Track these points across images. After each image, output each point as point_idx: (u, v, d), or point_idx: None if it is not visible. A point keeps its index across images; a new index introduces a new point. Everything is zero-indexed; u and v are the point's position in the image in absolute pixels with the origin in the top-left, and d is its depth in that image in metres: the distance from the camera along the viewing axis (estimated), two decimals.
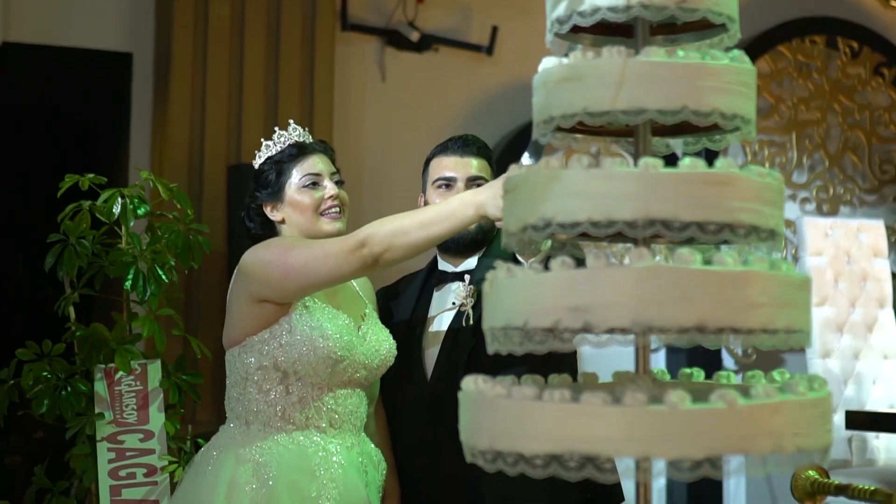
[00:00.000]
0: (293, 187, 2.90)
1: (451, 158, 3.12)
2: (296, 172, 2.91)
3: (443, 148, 3.17)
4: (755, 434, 1.82)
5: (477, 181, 3.11)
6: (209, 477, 2.84)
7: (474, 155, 3.14)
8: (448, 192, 3.09)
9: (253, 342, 2.84)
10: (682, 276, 1.86)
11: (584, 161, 1.95)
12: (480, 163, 3.14)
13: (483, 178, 3.12)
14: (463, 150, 3.13)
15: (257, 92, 5.31)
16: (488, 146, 3.25)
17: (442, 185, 3.11)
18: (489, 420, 1.94)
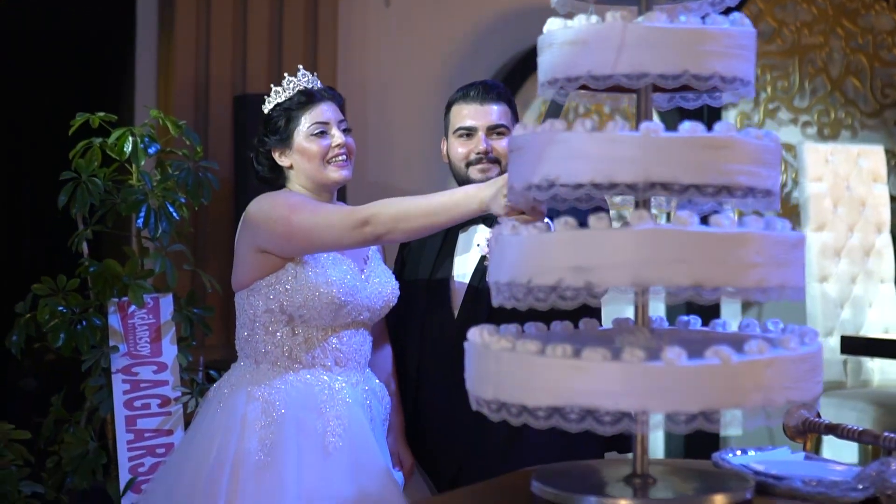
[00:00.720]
0: (301, 135, 2.96)
1: (472, 107, 3.15)
2: (304, 120, 2.96)
3: (463, 95, 3.19)
4: (748, 389, 1.92)
5: (497, 129, 3.15)
6: (221, 414, 2.93)
7: (494, 101, 3.16)
8: (469, 140, 3.14)
9: (260, 286, 2.92)
10: (680, 238, 1.93)
11: (588, 124, 2.02)
12: (501, 108, 3.17)
13: (503, 125, 3.15)
14: (483, 98, 3.15)
15: (261, 20, 5.33)
16: (508, 90, 3.27)
17: (463, 134, 3.15)
18: (494, 372, 2.03)
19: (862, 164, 6.20)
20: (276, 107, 3.00)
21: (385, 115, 6.01)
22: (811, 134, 6.81)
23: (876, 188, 6.20)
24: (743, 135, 2.03)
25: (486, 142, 3.13)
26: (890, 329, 6.09)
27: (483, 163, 3.13)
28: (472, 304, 3.12)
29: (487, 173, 3.11)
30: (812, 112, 6.81)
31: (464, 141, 3.15)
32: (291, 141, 2.97)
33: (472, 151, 3.13)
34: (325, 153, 2.95)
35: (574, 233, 1.98)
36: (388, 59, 6.06)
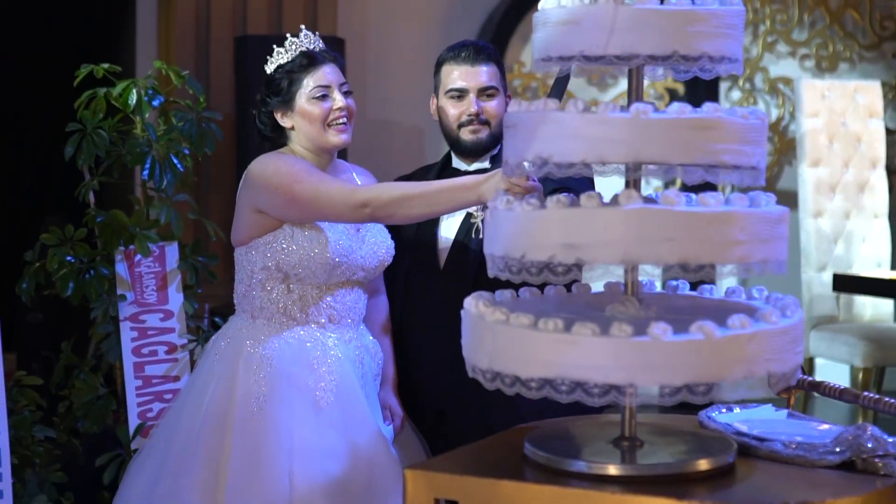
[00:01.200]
0: (303, 97, 3.00)
1: (463, 68, 3.20)
2: (306, 83, 3.00)
3: (454, 55, 3.23)
4: (731, 362, 2.01)
5: (488, 91, 3.20)
6: (217, 366, 3.03)
7: (484, 62, 3.21)
8: (460, 102, 3.19)
9: (257, 244, 3.00)
10: (668, 218, 2.02)
11: (580, 105, 2.09)
12: (491, 70, 3.22)
13: (493, 86, 3.21)
14: (474, 59, 3.20)
15: None
16: (498, 51, 3.32)
17: (454, 95, 3.20)
18: (489, 343, 2.13)
19: (858, 99, 6.24)
20: (279, 68, 3.04)
21: (383, 54, 6.04)
22: (809, 67, 6.85)
23: (872, 123, 6.24)
24: (729, 114, 2.10)
25: (478, 103, 3.19)
26: (883, 263, 6.19)
27: (474, 124, 3.19)
28: (457, 258, 3.20)
29: (478, 134, 3.20)
30: (811, 45, 6.84)
31: (455, 102, 3.21)
32: (293, 103, 3.02)
33: (463, 113, 3.20)
34: (327, 116, 3.00)
35: (566, 211, 2.06)
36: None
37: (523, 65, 6.31)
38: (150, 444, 3.14)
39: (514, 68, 6.28)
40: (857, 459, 2.20)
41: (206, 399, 3.01)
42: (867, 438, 2.20)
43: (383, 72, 6.00)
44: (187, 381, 3.24)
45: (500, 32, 6.14)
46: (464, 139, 3.21)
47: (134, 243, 3.51)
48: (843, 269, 6.07)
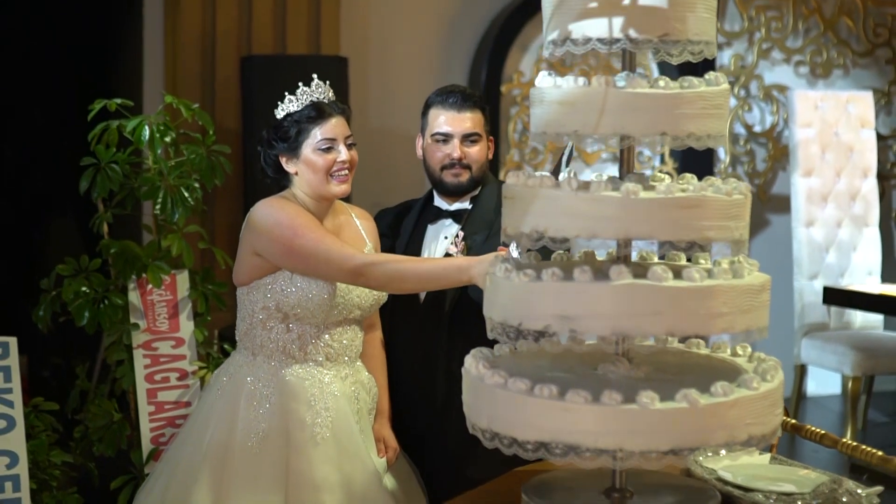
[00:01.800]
0: (309, 147, 3.12)
1: (449, 113, 3.36)
2: (314, 134, 3.11)
3: (442, 101, 3.39)
4: (713, 428, 2.15)
5: (471, 137, 3.37)
6: (219, 402, 3.18)
7: (470, 109, 3.38)
8: (445, 145, 3.36)
9: (258, 285, 3.13)
10: (655, 293, 2.15)
11: (574, 184, 2.22)
12: (475, 117, 3.39)
13: (477, 133, 3.38)
14: (461, 106, 3.36)
15: None
16: (483, 98, 3.48)
17: (439, 138, 3.37)
18: (488, 405, 2.27)
19: (851, 110, 6.37)
20: (288, 116, 3.14)
21: (385, 67, 6.14)
22: (804, 73, 6.96)
23: (863, 134, 6.37)
24: (715, 191, 2.23)
25: (461, 149, 3.37)
26: (873, 272, 6.33)
27: (456, 167, 3.37)
28: (437, 293, 3.36)
29: (459, 177, 3.38)
30: (805, 52, 6.95)
31: (440, 145, 3.37)
32: (300, 151, 3.13)
33: (447, 156, 3.37)
34: (330, 167, 3.12)
35: (560, 284, 2.20)
36: (389, 13, 6.17)
37: (522, 74, 6.42)
38: (156, 472, 3.30)
39: (513, 78, 6.39)
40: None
41: (209, 433, 3.16)
42: (842, 493, 2.34)
43: (384, 84, 6.11)
44: (191, 414, 3.38)
45: (499, 44, 6.25)
46: (446, 181, 3.39)
47: (146, 273, 3.65)
48: (835, 278, 6.21)
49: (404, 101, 6.13)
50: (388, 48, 6.16)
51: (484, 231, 3.39)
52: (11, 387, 3.56)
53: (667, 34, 2.23)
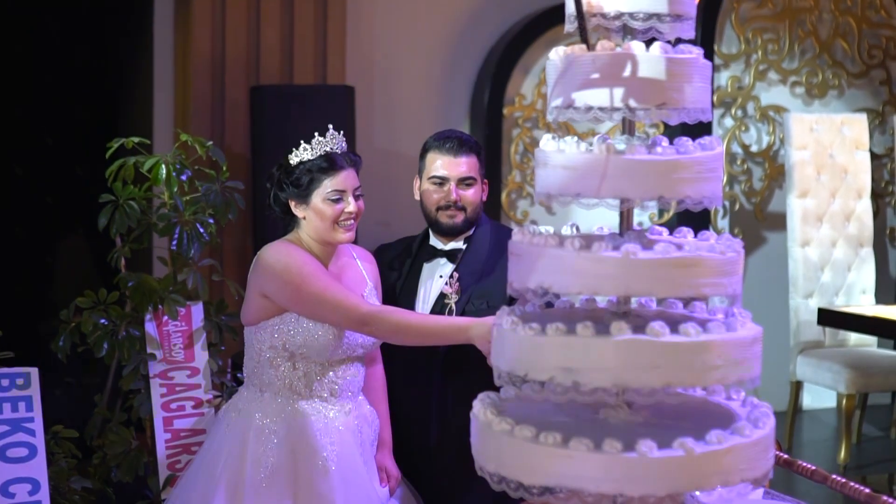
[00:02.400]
0: (319, 197, 3.25)
1: (446, 158, 3.52)
2: (325, 184, 3.25)
3: (439, 145, 3.55)
4: (708, 474, 2.29)
5: (466, 181, 3.54)
6: (228, 437, 3.32)
7: (466, 154, 3.54)
8: (441, 188, 3.53)
9: (265, 325, 3.27)
10: (654, 348, 2.29)
11: (577, 244, 2.36)
12: (471, 161, 3.55)
13: (472, 177, 3.54)
14: (457, 151, 3.52)
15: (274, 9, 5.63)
16: (478, 143, 3.64)
17: (436, 181, 3.53)
18: (495, 450, 2.41)
19: (845, 132, 6.51)
20: (301, 164, 3.27)
21: (389, 91, 6.28)
22: (800, 94, 7.10)
23: (858, 155, 6.52)
24: (709, 251, 2.37)
25: (456, 192, 3.53)
26: (867, 290, 6.47)
27: (451, 209, 3.54)
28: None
29: (454, 219, 3.55)
30: (801, 73, 7.09)
31: (436, 188, 3.53)
32: (310, 199, 3.26)
33: (442, 199, 3.54)
34: (338, 216, 3.25)
35: (563, 338, 2.33)
36: (393, 39, 6.31)
37: (524, 97, 6.56)
38: (172, 497, 3.44)
39: (515, 101, 6.53)
40: None
41: (220, 464, 3.30)
42: None
43: (389, 109, 6.25)
44: (202, 445, 3.51)
45: (501, 67, 6.39)
46: (442, 222, 3.55)
47: (163, 305, 3.78)
48: (830, 297, 6.35)
49: (408, 124, 6.28)
50: (393, 74, 6.30)
51: (477, 271, 3.55)
52: (33, 416, 3.72)
53: (664, 103, 2.36)
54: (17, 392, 3.70)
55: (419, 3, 6.39)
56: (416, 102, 6.29)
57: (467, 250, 3.59)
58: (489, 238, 3.60)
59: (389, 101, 6.27)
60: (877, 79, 7.26)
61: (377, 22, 6.27)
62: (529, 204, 6.64)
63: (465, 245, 3.60)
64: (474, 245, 3.58)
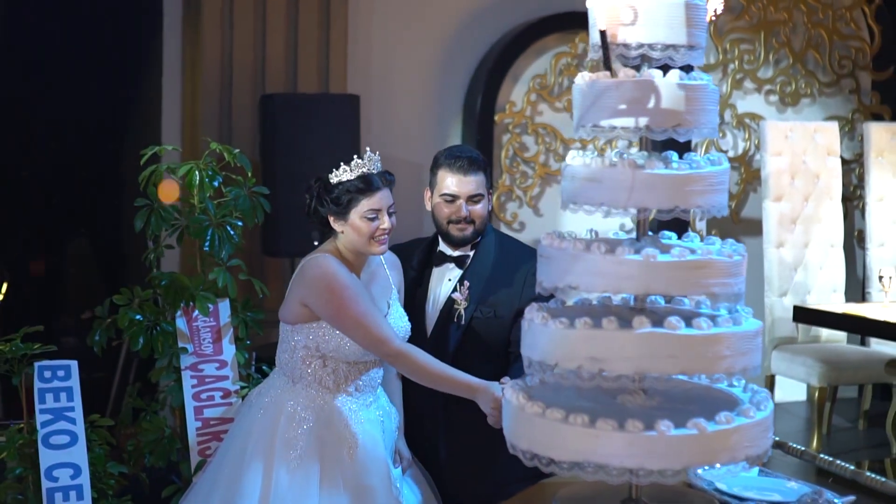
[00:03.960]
0: (357, 214, 3.53)
1: (457, 177, 3.82)
2: (363, 204, 3.52)
3: (450, 164, 3.84)
4: (718, 450, 2.61)
5: (475, 197, 3.84)
6: (262, 419, 3.59)
7: (474, 173, 3.84)
8: (451, 204, 3.83)
9: (302, 328, 3.55)
10: (670, 340, 2.60)
11: (602, 248, 2.67)
12: (479, 179, 3.85)
13: (480, 193, 3.86)
14: (467, 170, 3.82)
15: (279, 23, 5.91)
16: (485, 160, 3.95)
17: (448, 199, 3.84)
18: (528, 430, 2.71)
19: (818, 139, 6.87)
20: (341, 185, 3.53)
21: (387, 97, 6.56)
22: (774, 102, 7.45)
23: (829, 162, 6.88)
24: (718, 254, 2.69)
25: (466, 207, 3.84)
26: (838, 289, 6.83)
27: (461, 223, 3.85)
28: (441, 333, 3.87)
29: (464, 231, 3.86)
30: (775, 82, 7.44)
31: (447, 204, 3.84)
32: (348, 216, 3.54)
33: (453, 213, 3.84)
34: (374, 233, 3.53)
35: (591, 331, 2.64)
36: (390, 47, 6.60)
37: (514, 104, 6.86)
38: (202, 479, 3.72)
39: (505, 108, 6.83)
40: None
41: (251, 444, 3.58)
42: (822, 502, 2.80)
43: (387, 115, 6.53)
44: (232, 427, 3.79)
45: (493, 76, 6.69)
46: (452, 234, 3.87)
47: (195, 303, 4.06)
48: (803, 295, 6.71)
49: (404, 130, 6.58)
50: (389, 82, 6.59)
51: (484, 278, 3.86)
52: (73, 405, 3.99)
53: (679, 124, 2.68)
54: (58, 384, 3.97)
55: (413, 14, 6.68)
56: (411, 109, 6.58)
57: (475, 258, 3.89)
58: (494, 247, 3.91)
59: (385, 108, 6.55)
60: (846, 88, 7.62)
61: (375, 32, 6.55)
62: (518, 206, 6.94)
63: (473, 252, 3.90)
64: (481, 253, 3.88)
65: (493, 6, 6.81)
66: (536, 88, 6.90)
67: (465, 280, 3.86)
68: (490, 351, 3.80)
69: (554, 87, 6.93)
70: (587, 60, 2.89)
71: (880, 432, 6.68)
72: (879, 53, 7.60)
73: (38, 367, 3.94)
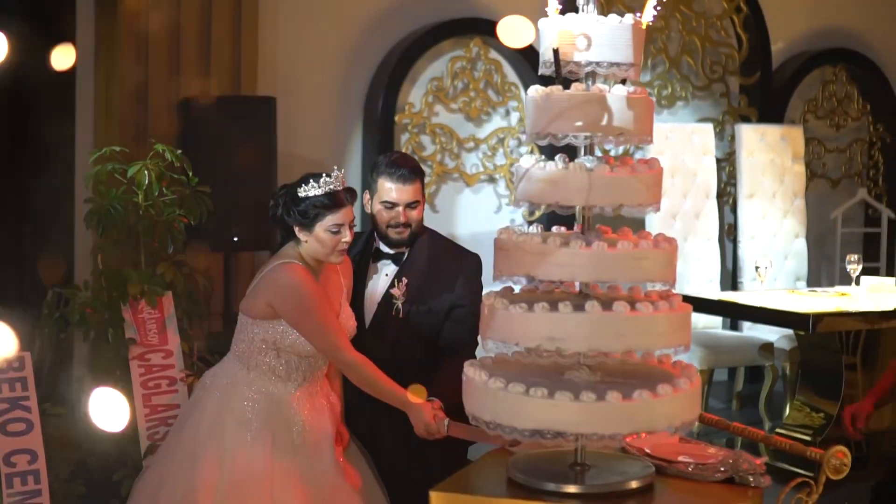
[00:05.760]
0: (322, 228, 3.78)
1: (397, 185, 4.12)
2: (328, 219, 3.77)
3: (391, 173, 4.13)
4: (661, 417, 3.00)
5: (412, 204, 4.15)
6: (220, 400, 3.84)
7: (412, 182, 4.15)
8: (391, 210, 4.13)
9: (262, 323, 3.81)
10: (618, 320, 2.99)
11: (557, 241, 3.03)
12: (416, 187, 4.15)
13: (417, 200, 4.17)
14: (406, 179, 4.12)
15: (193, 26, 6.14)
16: (421, 168, 4.25)
17: (388, 205, 4.15)
18: (491, 403, 3.06)
19: (695, 140, 7.41)
20: (308, 199, 3.79)
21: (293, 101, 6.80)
22: None
23: (705, 160, 7.42)
24: (656, 247, 3.09)
25: (405, 214, 4.14)
26: (713, 279, 7.38)
27: (399, 227, 4.15)
28: (380, 324, 4.18)
29: (402, 234, 4.15)
30: (653, 86, 7.95)
31: (387, 210, 4.14)
32: (313, 228, 3.79)
33: (392, 219, 4.15)
34: (336, 245, 3.82)
35: (549, 314, 3.00)
36: (295, 48, 6.86)
37: (412, 105, 7.20)
38: (156, 459, 3.97)
39: (405, 109, 7.16)
40: (736, 476, 3.23)
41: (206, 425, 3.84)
42: (743, 461, 3.22)
43: (291, 116, 6.77)
44: (185, 408, 4.04)
45: (393, 78, 7.01)
46: (391, 237, 4.17)
47: (143, 296, 4.29)
48: (682, 284, 7.22)
49: (308, 130, 6.84)
50: (295, 83, 6.83)
51: (420, 274, 4.17)
52: (28, 395, 4.17)
53: (622, 133, 3.07)
54: (13, 374, 4.15)
55: (317, 17, 6.95)
56: (315, 110, 6.86)
57: (410, 255, 4.21)
58: (427, 246, 4.23)
59: (293, 109, 6.81)
60: (717, 91, 8.19)
61: (282, 34, 6.79)
62: None
63: (408, 250, 4.22)
64: (415, 251, 4.20)
65: (393, 10, 7.13)
66: (433, 90, 7.25)
67: (402, 276, 4.17)
68: (426, 342, 4.13)
69: (449, 90, 7.29)
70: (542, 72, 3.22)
71: (753, 412, 7.24)
72: (747, 59, 8.18)
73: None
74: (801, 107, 8.48)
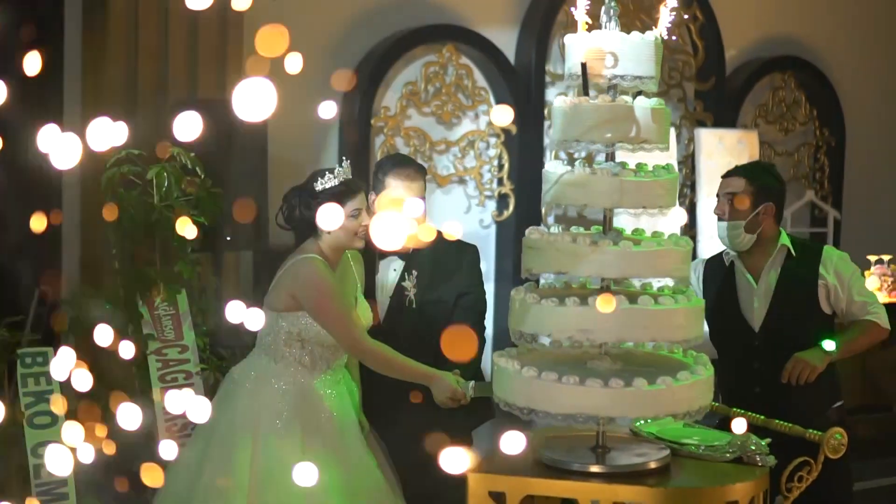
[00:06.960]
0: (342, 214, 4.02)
1: (404, 183, 4.37)
2: (347, 205, 4.02)
3: (396, 173, 4.39)
4: (681, 401, 3.27)
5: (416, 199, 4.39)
6: (250, 391, 4.04)
7: (419, 180, 4.40)
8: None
9: (288, 315, 4.03)
10: (643, 313, 3.25)
11: (587, 240, 3.29)
12: (420, 185, 4.41)
13: (422, 195, 4.41)
14: (412, 178, 4.38)
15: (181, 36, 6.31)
16: (424, 168, 4.51)
17: (395, 200, 4.36)
18: (525, 390, 3.31)
19: None
20: (326, 191, 4.03)
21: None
22: None
23: None
24: (675, 245, 3.36)
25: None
26: None
27: None
28: (395, 318, 4.43)
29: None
30: None
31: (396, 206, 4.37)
32: None
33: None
34: (357, 229, 4.05)
35: (580, 308, 3.26)
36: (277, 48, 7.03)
37: (388, 109, 7.42)
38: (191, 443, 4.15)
39: (380, 112, 7.38)
40: (744, 456, 3.51)
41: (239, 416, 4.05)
42: (750, 442, 3.51)
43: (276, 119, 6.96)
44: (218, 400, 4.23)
45: (372, 83, 7.21)
46: None
47: (163, 293, 4.48)
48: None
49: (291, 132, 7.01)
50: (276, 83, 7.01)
51: (427, 267, 4.42)
52: (52, 388, 4.34)
53: (645, 141, 3.33)
54: (38, 369, 4.32)
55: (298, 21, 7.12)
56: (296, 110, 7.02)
57: (416, 250, 4.45)
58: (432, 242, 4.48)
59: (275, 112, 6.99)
60: (675, 96, 8.51)
61: None
62: None
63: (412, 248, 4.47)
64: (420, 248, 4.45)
65: (368, 17, 7.33)
66: (408, 94, 7.47)
67: (412, 270, 4.41)
68: (439, 330, 4.36)
69: (423, 94, 7.52)
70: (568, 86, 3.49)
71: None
72: (703, 66, 8.51)
73: (21, 355, 4.28)
74: (753, 111, 8.84)
